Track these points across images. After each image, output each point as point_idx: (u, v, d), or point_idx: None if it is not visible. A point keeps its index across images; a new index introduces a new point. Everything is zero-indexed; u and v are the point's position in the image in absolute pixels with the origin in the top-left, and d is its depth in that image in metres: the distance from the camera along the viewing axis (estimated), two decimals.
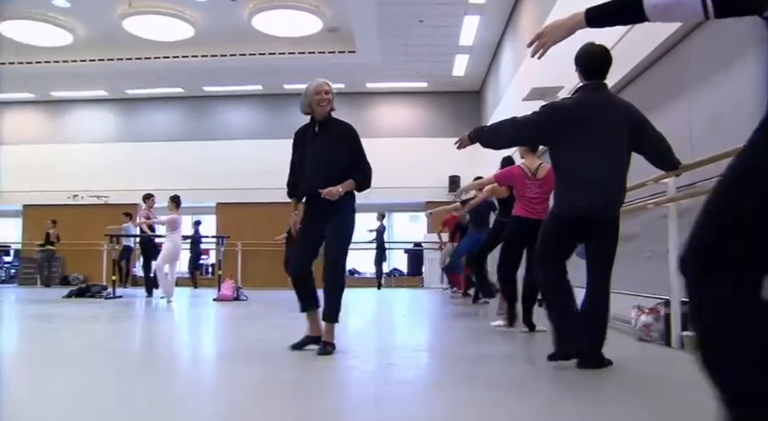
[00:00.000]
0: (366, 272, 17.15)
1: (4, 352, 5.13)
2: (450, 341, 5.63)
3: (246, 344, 4.73)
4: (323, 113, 4.47)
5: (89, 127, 18.49)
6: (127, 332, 6.45)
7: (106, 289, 11.37)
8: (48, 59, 15.25)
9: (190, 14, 12.97)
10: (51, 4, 12.53)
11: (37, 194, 17.77)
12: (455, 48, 14.25)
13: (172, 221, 10.06)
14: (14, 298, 11.79)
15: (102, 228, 14.04)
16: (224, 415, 2.73)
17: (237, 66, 15.10)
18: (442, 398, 3.10)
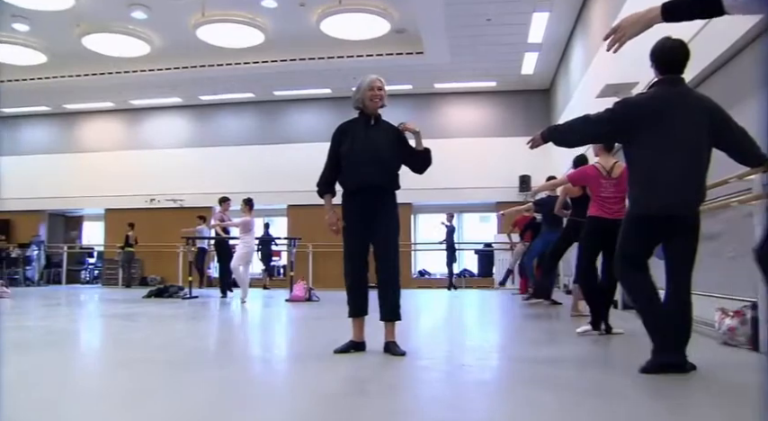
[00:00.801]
0: (436, 273, 17.12)
1: (92, 349, 5.37)
2: (523, 342, 5.56)
3: (320, 345, 4.79)
4: (375, 109, 4.51)
5: (165, 133, 19.13)
6: (204, 331, 6.64)
7: (183, 289, 11.74)
8: (127, 69, 15.89)
9: (260, 21, 13.25)
10: (130, 17, 13.03)
11: (117, 198, 18.51)
12: (524, 46, 14.06)
13: (245, 224, 10.31)
14: (98, 297, 12.29)
15: (178, 231, 14.50)
16: (300, 414, 2.78)
17: (306, 69, 15.33)
18: (518, 400, 3.06)
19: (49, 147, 19.76)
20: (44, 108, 19.42)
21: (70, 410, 2.85)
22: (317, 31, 13.43)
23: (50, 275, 18.50)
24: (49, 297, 12.36)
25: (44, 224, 19.55)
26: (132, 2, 12.36)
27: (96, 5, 12.52)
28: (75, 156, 19.39)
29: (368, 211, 4.34)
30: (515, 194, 16.07)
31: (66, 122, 19.89)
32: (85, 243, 20.52)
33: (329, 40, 13.81)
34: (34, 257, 18.01)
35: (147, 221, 17.29)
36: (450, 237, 14.87)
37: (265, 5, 12.48)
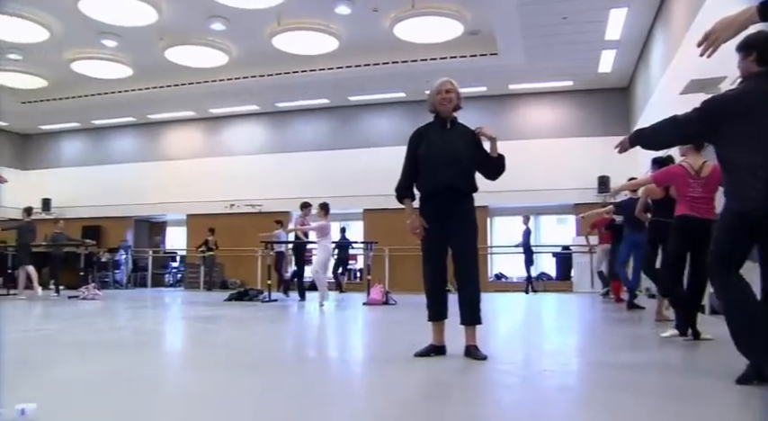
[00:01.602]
0: (513, 276, 16.90)
1: (179, 350, 5.56)
2: (605, 347, 5.42)
3: (398, 348, 4.81)
4: (447, 112, 4.48)
5: (243, 140, 19.63)
6: (284, 334, 6.77)
7: (262, 293, 12.01)
8: (206, 79, 16.42)
9: (334, 28, 13.44)
10: (210, 29, 13.45)
11: (198, 204, 19.12)
12: (601, 43, 13.73)
13: (321, 227, 10.46)
14: (181, 300, 12.72)
15: (256, 235, 14.84)
16: (378, 417, 2.80)
17: (380, 74, 15.43)
18: (599, 404, 3.00)
19: (135, 156, 20.64)
20: (130, 119, 20.28)
21: (163, 409, 2.97)
22: (390, 36, 13.52)
23: (137, 278, 19.25)
24: (136, 299, 12.87)
25: (131, 230, 20.38)
26: (211, 14, 12.75)
27: (178, 19, 12.99)
28: (159, 164, 20.18)
29: (444, 214, 4.32)
30: (594, 196, 15.68)
31: (151, 132, 20.71)
32: (169, 248, 21.28)
33: (402, 43, 13.88)
34: (122, 261, 18.80)
35: (226, 226, 17.78)
36: (527, 240, 14.65)
37: (339, 12, 12.64)
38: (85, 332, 6.50)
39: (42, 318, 8.23)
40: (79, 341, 5.67)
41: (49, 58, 15.18)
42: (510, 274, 17.18)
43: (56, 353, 4.92)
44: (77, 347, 5.24)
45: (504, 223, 17.52)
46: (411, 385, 3.51)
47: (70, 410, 2.83)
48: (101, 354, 4.84)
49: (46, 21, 13.18)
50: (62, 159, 21.84)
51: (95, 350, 5.08)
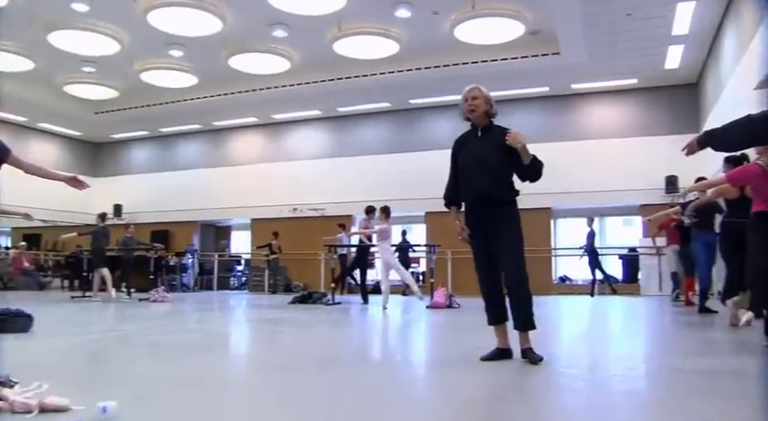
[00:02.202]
0: (578, 279, 16.60)
1: (248, 352, 5.67)
2: (675, 352, 5.26)
3: (462, 351, 4.79)
4: (477, 119, 4.44)
5: (306, 144, 19.90)
6: (348, 337, 6.82)
7: (326, 296, 12.13)
8: (269, 86, 16.74)
9: (394, 31, 13.50)
10: (272, 36, 13.71)
11: (262, 209, 19.46)
12: (667, 38, 13.36)
13: (382, 231, 10.50)
14: (246, 303, 12.96)
15: (319, 239, 15.00)
16: (447, 418, 2.80)
17: (441, 77, 15.40)
18: (673, 411, 2.91)
19: (201, 162, 21.21)
20: (196, 126, 20.84)
21: (237, 408, 3.03)
22: (450, 38, 13.50)
23: (203, 281, 19.73)
24: (203, 302, 13.19)
25: (197, 234, 20.92)
26: (273, 21, 12.99)
27: (241, 27, 13.28)
28: (224, 169, 20.68)
29: (484, 223, 4.32)
30: (661, 196, 15.24)
31: (216, 138, 21.23)
32: (234, 251, 21.73)
33: (463, 45, 13.83)
34: (189, 265, 19.30)
35: (290, 230, 18.04)
36: (592, 242, 14.35)
37: (399, 16, 12.70)
38: (157, 333, 6.71)
39: (117, 320, 8.52)
40: (152, 341, 5.85)
41: (119, 69, 15.77)
42: (575, 277, 16.86)
43: (131, 352, 5.09)
44: (151, 347, 5.41)
45: (569, 225, 17.21)
46: (475, 388, 3.49)
47: (149, 408, 2.92)
48: (174, 355, 4.98)
49: (117, 34, 13.69)
50: (132, 166, 22.61)
51: (169, 350, 5.23)
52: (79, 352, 5.26)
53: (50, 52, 14.58)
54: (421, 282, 17.08)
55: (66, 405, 2.71)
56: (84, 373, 4.16)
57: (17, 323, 6.19)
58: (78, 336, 6.42)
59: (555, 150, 16.72)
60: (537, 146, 16.00)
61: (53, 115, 19.63)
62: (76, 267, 17.07)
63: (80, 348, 5.47)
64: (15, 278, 17.91)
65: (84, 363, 4.67)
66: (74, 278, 18.02)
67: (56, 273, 19.93)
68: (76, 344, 5.79)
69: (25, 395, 2.81)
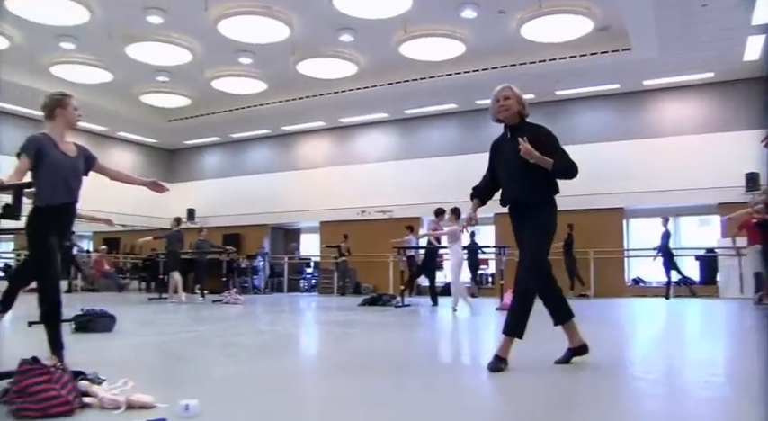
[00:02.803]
0: (652, 281, 16.11)
1: (321, 355, 5.74)
2: (761, 358, 5.03)
3: (532, 353, 4.71)
4: (508, 119, 4.33)
5: (373, 147, 20.01)
6: (419, 339, 6.82)
7: (395, 298, 12.16)
8: (336, 90, 16.91)
9: (460, 32, 13.44)
10: (339, 41, 13.86)
11: (330, 212, 19.67)
12: (746, 29, 12.77)
13: (452, 233, 10.46)
14: (316, 305, 13.11)
15: (388, 241, 15.04)
16: None
17: (508, 76, 15.02)
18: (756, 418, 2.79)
19: (270, 167, 21.61)
20: (265, 131, 21.25)
21: (311, 408, 3.08)
22: (517, 37, 13.36)
23: (273, 284, 20.07)
24: (274, 304, 13.42)
25: (267, 237, 21.29)
26: (340, 26, 13.12)
27: (308, 33, 13.47)
28: (293, 173, 21.00)
29: (517, 226, 4.30)
30: (740, 194, 14.58)
31: (285, 143, 21.60)
32: (303, 254, 22.03)
33: (530, 44, 13.67)
34: (260, 267, 19.67)
35: (358, 232, 18.16)
36: (666, 242, 13.91)
37: (465, 17, 12.63)
38: (232, 334, 6.86)
39: (192, 321, 8.76)
40: (227, 342, 6.00)
41: (191, 78, 16.24)
42: (649, 279, 16.37)
43: (208, 353, 5.22)
44: (227, 348, 5.54)
45: (642, 225, 16.73)
46: (550, 393, 3.44)
47: (228, 407, 2.99)
48: (249, 356, 5.09)
49: (189, 44, 14.11)
50: (204, 171, 23.24)
51: (243, 351, 5.35)
52: (159, 351, 5.44)
53: (128, 64, 15.17)
54: (490, 284, 16.96)
55: (150, 402, 2.81)
56: (165, 372, 4.30)
57: (102, 323, 6.47)
58: (157, 336, 6.64)
59: (626, 149, 16.39)
60: (608, 145, 15.72)
61: (130, 124, 20.38)
62: (153, 270, 17.66)
63: (159, 348, 5.66)
64: (97, 280, 18.68)
65: (163, 362, 4.82)
66: (150, 280, 18.65)
67: (133, 276, 20.65)
68: (156, 343, 5.99)
69: (113, 392, 2.92)
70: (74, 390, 2.80)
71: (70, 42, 14.18)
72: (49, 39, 13.95)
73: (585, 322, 4.27)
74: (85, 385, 2.92)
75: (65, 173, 3.98)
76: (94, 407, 2.82)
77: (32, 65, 15.26)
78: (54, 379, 2.72)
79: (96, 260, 18.99)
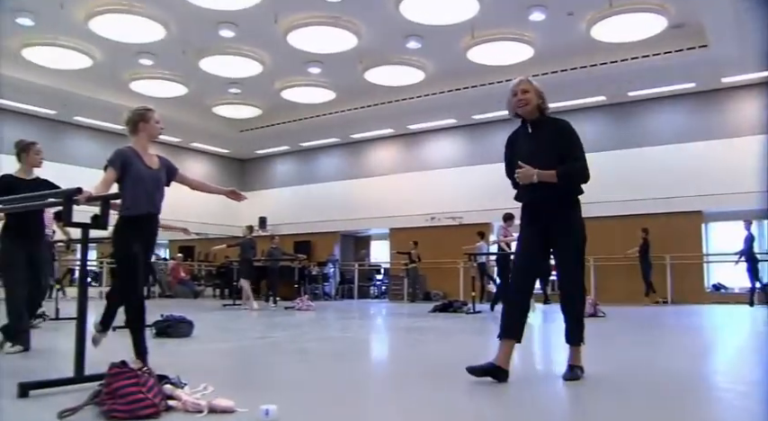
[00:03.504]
0: (734, 287, 15.47)
1: (394, 361, 5.76)
2: None
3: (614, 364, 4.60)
4: (527, 114, 4.06)
5: (442, 154, 19.96)
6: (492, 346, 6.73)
7: (466, 304, 12.07)
8: (404, 97, 16.98)
9: (528, 35, 13.30)
10: (406, 48, 13.92)
11: (400, 218, 19.72)
12: None
13: None
14: (386, 311, 13.15)
15: (458, 248, 14.96)
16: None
17: (578, 79, 14.95)
18: None
19: (340, 174, 21.84)
20: (334, 139, 21.50)
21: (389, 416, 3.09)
22: (586, 38, 13.13)
23: (344, 290, 20.26)
24: (345, 310, 13.52)
25: (338, 244, 21.53)
26: (407, 33, 13.18)
27: (376, 41, 13.59)
28: (362, 180, 21.15)
29: (537, 230, 4.01)
30: None
31: (354, 150, 21.80)
32: (373, 261, 22.15)
33: (600, 45, 13.41)
34: (331, 274, 19.90)
35: (428, 239, 18.13)
36: (750, 247, 13.32)
37: (533, 19, 12.50)
38: (305, 340, 6.96)
39: (266, 327, 8.92)
40: (301, 348, 6.09)
41: (262, 88, 16.62)
42: (731, 285, 15.71)
43: (283, 358, 5.31)
44: (301, 354, 5.63)
45: (723, 229, 16.08)
46: (628, 406, 3.34)
47: (305, 413, 3.04)
48: (323, 361, 5.15)
49: (260, 56, 14.46)
50: (275, 180, 23.70)
51: (317, 357, 5.42)
52: (236, 356, 5.56)
53: (201, 77, 15.67)
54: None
55: (231, 406, 2.88)
56: (243, 377, 4.40)
57: (181, 329, 6.68)
58: (233, 342, 6.79)
59: (704, 150, 15.80)
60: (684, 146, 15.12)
61: (204, 135, 21.01)
62: (227, 277, 18.10)
63: (236, 353, 5.79)
64: (173, 287, 19.28)
65: (241, 367, 4.93)
66: (224, 287, 19.12)
67: (208, 283, 21.21)
68: (232, 349, 6.13)
69: (195, 396, 3.01)
70: (159, 394, 2.90)
71: (148, 58, 14.75)
72: (129, 56, 14.55)
73: (664, 330, 4.16)
74: (170, 389, 3.02)
75: (148, 185, 4.15)
76: (178, 410, 2.91)
77: (113, 81, 15.95)
78: (141, 382, 2.83)
79: (173, 267, 19.61)
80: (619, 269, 15.29)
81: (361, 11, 12.34)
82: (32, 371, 4.20)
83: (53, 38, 13.60)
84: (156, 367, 3.27)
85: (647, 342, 6.75)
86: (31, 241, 5.46)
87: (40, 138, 6.12)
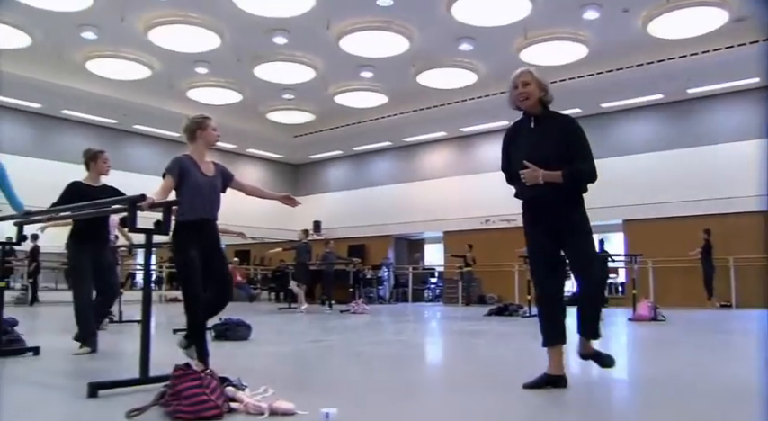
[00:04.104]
0: None
1: (452, 365, 5.74)
2: None
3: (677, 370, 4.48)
4: (529, 108, 3.85)
5: (495, 156, 19.44)
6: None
7: (522, 308, 11.94)
8: (457, 99, 16.94)
9: (582, 34, 13.09)
10: (458, 50, 13.89)
11: (454, 221, 19.63)
12: None
13: None
14: (441, 315, 13.11)
15: (512, 251, 14.79)
16: None
17: (634, 77, 14.66)
18: None
19: (393, 178, 21.87)
20: (387, 143, 21.56)
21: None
22: (643, 35, 12.85)
23: (398, 294, 20.27)
24: (399, 314, 13.54)
25: (391, 247, 21.56)
26: (459, 36, 13.13)
27: (428, 45, 13.59)
28: (415, 184, 21.13)
29: (544, 232, 3.81)
30: None
31: (406, 154, 21.80)
32: (427, 264, 22.11)
33: (657, 42, 13.10)
34: (385, 278, 19.95)
35: (482, 242, 17.98)
36: None
37: (587, 18, 12.31)
38: (361, 344, 6.99)
39: (321, 330, 9.00)
40: (358, 352, 6.12)
41: (315, 94, 16.80)
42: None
43: (340, 362, 5.35)
44: (358, 357, 5.66)
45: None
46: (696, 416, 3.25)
47: (364, 416, 3.05)
48: (380, 365, 5.17)
49: (313, 61, 14.63)
50: (329, 184, 23.88)
51: (374, 361, 5.44)
52: (294, 359, 5.63)
53: (255, 84, 15.94)
54: (621, 294, 16.31)
55: (292, 409, 2.92)
56: (302, 380, 4.44)
57: (239, 332, 6.79)
58: (290, 345, 6.88)
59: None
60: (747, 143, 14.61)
61: (258, 141, 21.35)
62: (282, 280, 18.32)
63: (294, 356, 5.86)
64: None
65: (299, 370, 4.99)
66: (279, 290, 19.35)
67: (263, 286, 21.51)
68: (290, 352, 6.20)
69: (256, 398, 3.06)
70: (222, 395, 2.96)
71: (204, 67, 15.09)
72: (186, 65, 14.92)
73: (729, 334, 4.01)
74: (232, 391, 3.08)
75: (204, 192, 4.24)
76: (240, 412, 2.96)
77: (171, 90, 16.36)
78: (205, 383, 2.89)
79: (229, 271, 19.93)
80: (676, 271, 14.89)
81: (413, 14, 12.35)
82: (100, 371, 4.34)
83: (115, 50, 14.07)
84: (217, 369, 3.33)
85: (712, 346, 6.56)
86: (97, 246, 5.65)
87: (101, 146, 6.33)
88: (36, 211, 5.25)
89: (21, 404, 3.41)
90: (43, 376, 4.44)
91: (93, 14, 12.24)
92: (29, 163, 15.47)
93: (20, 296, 15.32)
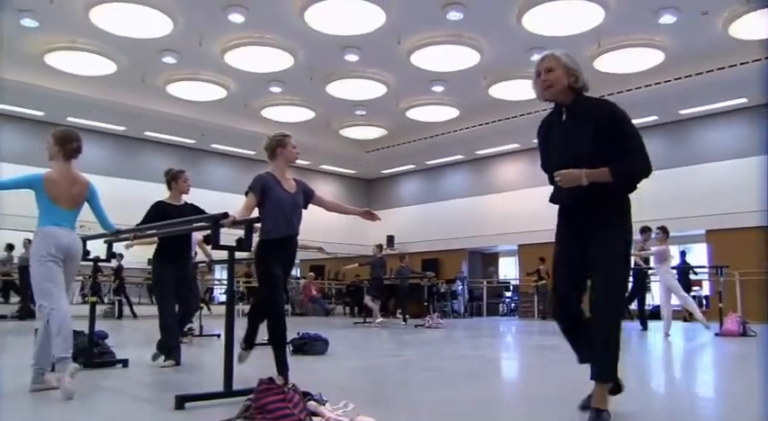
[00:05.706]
0: None
1: (531, 380, 5.65)
2: None
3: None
4: (557, 97, 3.31)
5: None
6: (631, 366, 6.46)
7: None
8: (529, 111, 16.58)
9: (658, 40, 12.76)
10: (529, 61, 13.58)
11: (528, 234, 19.32)
12: None
13: (661, 252, 9.87)
14: (516, 329, 12.91)
15: None
16: None
17: (715, 81, 14.12)
18: None
19: (466, 191, 21.78)
20: (459, 156, 21.52)
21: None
22: (724, 38, 12.43)
23: (473, 308, 20.09)
24: (474, 328, 13.40)
25: (465, 261, 21.42)
26: (530, 46, 12.98)
27: (499, 57, 13.53)
28: (489, 197, 20.97)
29: (575, 233, 3.28)
30: None
31: (479, 167, 21.68)
32: (502, 278, 21.85)
33: (739, 44, 12.62)
34: (459, 292, 19.82)
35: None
36: None
37: (663, 22, 12.00)
38: (437, 359, 6.96)
39: (397, 345, 9.00)
40: (435, 367, 6.09)
41: (387, 109, 16.95)
42: None
43: (418, 377, 5.34)
44: (435, 373, 5.63)
45: None
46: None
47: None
48: (458, 381, 5.13)
49: (384, 77, 14.78)
50: (402, 199, 23.97)
51: (452, 376, 5.40)
52: (371, 374, 5.65)
53: (328, 101, 16.21)
54: (705, 307, 15.66)
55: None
56: (380, 395, 4.46)
57: (316, 346, 6.87)
58: (367, 360, 6.90)
59: None
60: None
61: (331, 157, 21.66)
62: (356, 295, 18.45)
63: (371, 371, 5.88)
64: (305, 305, 19.87)
65: (377, 385, 5.00)
66: (354, 305, 19.48)
67: (338, 301, 21.71)
68: (367, 366, 6.23)
69: (337, 412, 3.09)
70: (304, 410, 3.00)
71: (278, 86, 15.46)
72: (260, 84, 15.33)
73: None
74: (314, 405, 3.11)
75: (286, 208, 4.34)
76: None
77: (246, 110, 16.84)
78: (288, 398, 2.94)
79: (305, 286, 20.24)
80: (761, 284, 14.19)
81: (483, 27, 12.32)
82: (185, 384, 4.48)
83: (193, 73, 14.62)
84: (297, 384, 3.39)
85: None
86: (181, 263, 5.84)
87: (181, 165, 6.56)
88: (125, 230, 5.49)
89: (116, 415, 3.56)
90: (133, 387, 4.61)
91: (173, 40, 12.75)
92: (114, 183, 16.17)
93: (107, 310, 15.98)
